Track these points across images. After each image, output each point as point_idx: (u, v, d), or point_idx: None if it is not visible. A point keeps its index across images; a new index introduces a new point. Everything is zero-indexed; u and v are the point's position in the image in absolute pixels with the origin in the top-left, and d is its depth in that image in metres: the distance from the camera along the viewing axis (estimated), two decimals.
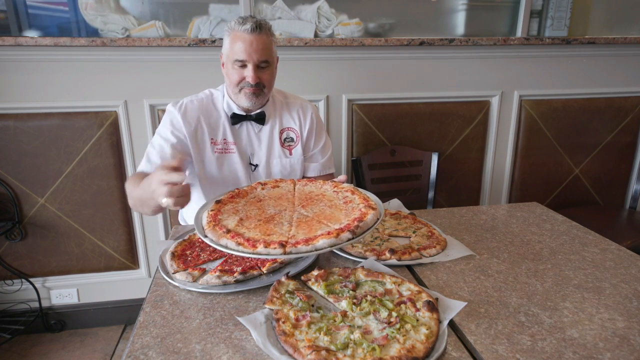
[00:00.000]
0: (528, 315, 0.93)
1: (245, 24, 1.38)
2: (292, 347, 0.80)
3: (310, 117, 1.63)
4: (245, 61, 1.40)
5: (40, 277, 2.22)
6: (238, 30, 1.39)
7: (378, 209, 1.11)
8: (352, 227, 0.99)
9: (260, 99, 1.48)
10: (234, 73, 1.43)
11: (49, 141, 2.03)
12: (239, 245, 0.97)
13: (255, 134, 1.56)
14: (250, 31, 1.37)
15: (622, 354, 0.82)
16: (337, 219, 1.07)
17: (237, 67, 1.41)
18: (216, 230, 1.02)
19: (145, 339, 0.87)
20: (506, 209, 1.58)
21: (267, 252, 0.94)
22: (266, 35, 1.41)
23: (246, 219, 1.10)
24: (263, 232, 1.03)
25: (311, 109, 1.65)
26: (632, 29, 2.44)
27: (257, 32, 1.38)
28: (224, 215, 1.11)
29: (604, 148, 2.52)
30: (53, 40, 1.89)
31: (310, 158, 1.67)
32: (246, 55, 1.38)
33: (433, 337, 0.84)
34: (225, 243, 0.98)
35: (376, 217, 1.07)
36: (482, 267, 1.14)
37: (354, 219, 1.04)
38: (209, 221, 1.08)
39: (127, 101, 2.06)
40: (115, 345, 2.20)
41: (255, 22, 1.38)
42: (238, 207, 1.17)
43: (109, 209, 2.16)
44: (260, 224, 1.07)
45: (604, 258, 1.20)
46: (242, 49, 1.38)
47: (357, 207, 1.12)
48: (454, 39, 2.20)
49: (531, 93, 2.39)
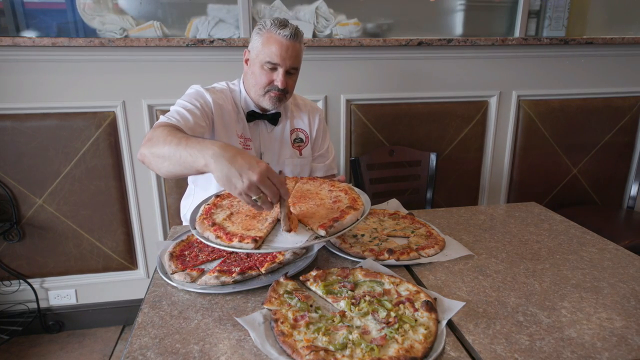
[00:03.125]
0: (526, 315, 0.93)
1: (284, 28, 1.38)
2: (290, 348, 0.80)
3: (319, 119, 1.67)
4: (278, 65, 1.40)
5: (39, 278, 2.21)
6: (275, 33, 1.39)
7: (360, 210, 1.12)
8: (326, 227, 1.03)
9: (282, 103, 1.50)
10: (262, 74, 1.43)
11: (47, 142, 2.02)
12: (217, 238, 1.02)
13: (268, 133, 1.58)
14: (289, 37, 1.38)
15: (620, 353, 0.82)
16: (318, 217, 1.08)
17: (267, 68, 1.42)
18: (204, 224, 1.08)
19: (143, 340, 0.87)
20: (504, 209, 1.58)
21: (240, 246, 0.99)
22: (300, 43, 1.43)
23: (236, 214, 1.14)
24: (244, 227, 1.07)
25: (319, 112, 1.69)
26: (630, 29, 2.45)
27: (293, 39, 1.39)
28: (218, 210, 1.16)
29: (602, 148, 2.52)
30: (51, 41, 1.89)
31: (316, 159, 1.70)
32: (280, 59, 1.39)
33: (431, 337, 0.84)
34: (207, 235, 1.04)
35: (355, 218, 1.09)
36: (481, 267, 1.14)
37: (331, 219, 1.06)
38: (201, 214, 1.14)
39: (125, 101, 2.06)
40: (114, 346, 2.19)
41: (294, 28, 1.40)
42: (234, 203, 1.21)
43: (107, 210, 2.16)
44: (246, 219, 1.11)
45: (601, 258, 1.20)
46: (277, 53, 1.38)
47: (342, 207, 1.14)
48: (452, 39, 2.20)
49: (529, 93, 2.39)
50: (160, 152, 1.09)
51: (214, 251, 1.18)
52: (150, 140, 1.13)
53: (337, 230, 1.04)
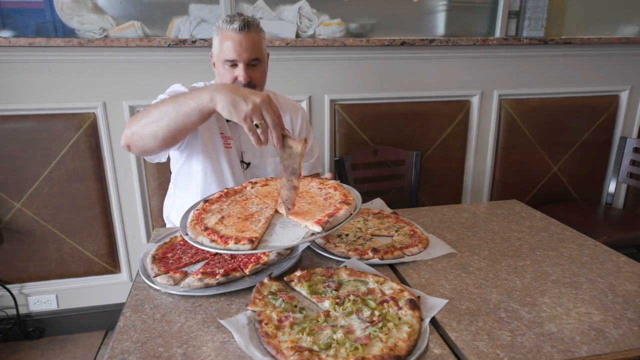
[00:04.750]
0: (508, 311, 0.95)
1: (233, 22, 1.36)
2: (274, 349, 0.80)
3: (301, 118, 1.66)
4: (236, 61, 1.38)
5: (18, 284, 2.16)
6: (226, 29, 1.37)
7: (353, 204, 1.12)
8: (322, 223, 1.01)
9: None
10: (225, 73, 1.41)
11: (25, 144, 1.98)
12: (212, 242, 1.00)
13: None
14: (239, 30, 1.36)
15: (597, 346, 0.84)
16: (312, 214, 1.08)
17: (228, 67, 1.40)
18: (196, 229, 1.06)
19: (125, 344, 0.85)
20: (487, 207, 1.60)
21: (236, 247, 0.97)
22: (255, 32, 1.40)
23: (227, 217, 1.12)
24: (238, 229, 1.05)
25: (301, 111, 1.68)
26: (607, 29, 2.50)
27: (245, 31, 1.37)
28: (208, 214, 1.14)
29: (581, 146, 2.58)
30: (28, 41, 1.85)
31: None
32: (236, 54, 1.37)
33: (415, 335, 0.84)
34: (201, 240, 1.02)
35: (349, 213, 1.08)
36: (463, 265, 1.16)
37: (326, 215, 1.05)
38: (191, 220, 1.11)
39: (106, 102, 2.03)
40: (97, 351, 2.15)
41: (243, 20, 1.37)
42: (223, 206, 1.19)
43: (89, 213, 2.12)
44: (239, 222, 1.09)
45: (580, 254, 1.22)
46: (231, 49, 1.37)
47: (334, 203, 1.13)
48: (435, 39, 2.22)
49: (510, 92, 2.43)
50: (153, 117, 1.15)
51: (197, 253, 1.17)
52: (135, 117, 1.19)
53: (332, 225, 1.03)
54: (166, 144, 1.22)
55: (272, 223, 1.10)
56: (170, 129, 1.15)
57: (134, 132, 1.19)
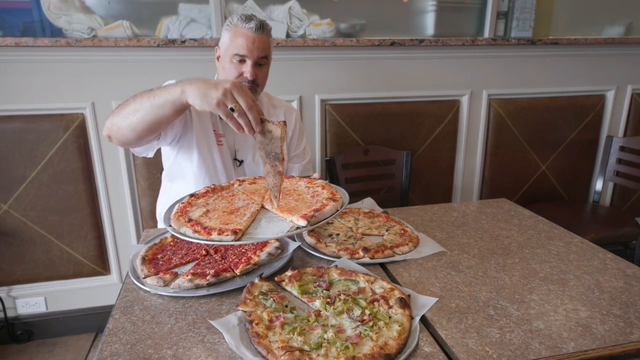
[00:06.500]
0: (497, 309, 0.96)
1: (249, 22, 1.41)
2: (265, 349, 0.80)
3: (294, 120, 1.68)
4: (246, 57, 1.41)
5: (5, 286, 2.13)
6: (241, 27, 1.41)
7: (340, 201, 1.13)
8: (307, 217, 1.02)
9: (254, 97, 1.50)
10: (231, 68, 1.43)
11: (12, 145, 1.95)
12: (195, 233, 1.00)
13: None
14: (255, 30, 1.40)
15: (584, 342, 0.85)
16: (298, 210, 1.09)
17: (236, 61, 1.43)
18: (180, 220, 1.06)
19: (114, 347, 0.85)
20: (476, 206, 1.62)
21: (219, 238, 0.98)
22: (267, 35, 1.45)
23: (212, 211, 1.12)
24: (222, 222, 1.05)
25: (295, 112, 1.70)
26: (593, 30, 2.54)
27: (260, 32, 1.41)
28: (193, 207, 1.15)
29: (568, 145, 2.61)
30: (14, 40, 1.83)
31: (292, 159, 1.70)
32: (247, 51, 1.40)
33: (405, 334, 0.85)
34: (184, 231, 1.02)
35: (335, 209, 1.09)
36: (453, 263, 1.16)
37: (312, 210, 1.06)
38: (176, 212, 1.12)
39: (95, 103, 2.01)
40: (87, 354, 2.13)
41: (259, 21, 1.42)
42: (209, 201, 1.19)
43: (77, 214, 2.10)
44: (224, 215, 1.10)
45: (568, 251, 1.24)
46: (243, 45, 1.40)
47: (321, 200, 1.14)
48: (424, 39, 2.23)
49: (499, 92, 2.45)
50: (131, 109, 1.18)
51: (188, 254, 1.16)
52: (115, 110, 1.24)
53: (318, 220, 1.04)
54: (141, 136, 1.25)
55: (257, 218, 1.11)
56: (145, 121, 1.18)
57: (113, 124, 1.24)
